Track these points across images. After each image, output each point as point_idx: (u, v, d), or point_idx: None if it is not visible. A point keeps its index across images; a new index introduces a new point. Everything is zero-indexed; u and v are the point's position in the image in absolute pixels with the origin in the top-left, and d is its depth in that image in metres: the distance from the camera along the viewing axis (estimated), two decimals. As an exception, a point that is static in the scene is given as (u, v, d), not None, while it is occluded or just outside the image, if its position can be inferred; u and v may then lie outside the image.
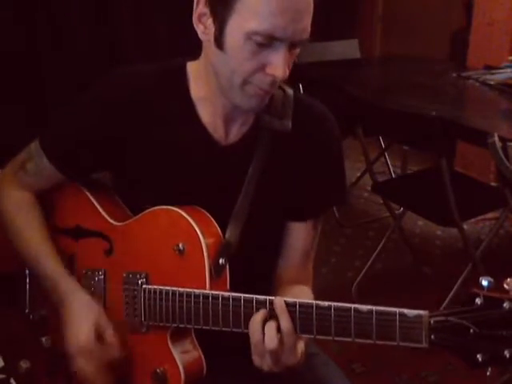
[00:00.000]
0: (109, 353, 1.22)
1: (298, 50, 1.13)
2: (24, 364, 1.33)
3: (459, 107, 3.13)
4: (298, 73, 1.28)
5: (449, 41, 4.45)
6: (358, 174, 3.88)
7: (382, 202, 3.36)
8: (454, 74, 3.37)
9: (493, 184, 3.59)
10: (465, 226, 2.79)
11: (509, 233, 3.56)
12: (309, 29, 1.10)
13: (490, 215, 3.15)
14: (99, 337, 1.21)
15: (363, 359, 2.49)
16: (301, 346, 1.11)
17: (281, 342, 1.08)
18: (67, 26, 3.72)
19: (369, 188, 3.49)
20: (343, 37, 3.98)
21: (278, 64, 1.09)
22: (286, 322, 1.07)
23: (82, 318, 1.22)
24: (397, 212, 3.18)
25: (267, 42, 1.08)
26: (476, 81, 3.24)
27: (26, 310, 1.36)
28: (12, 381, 1.33)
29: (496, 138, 2.32)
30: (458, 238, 3.16)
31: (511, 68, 3.33)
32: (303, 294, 1.23)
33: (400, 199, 3.04)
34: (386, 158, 3.75)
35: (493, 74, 3.28)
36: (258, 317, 1.09)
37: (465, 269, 2.72)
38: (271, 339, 1.07)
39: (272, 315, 1.09)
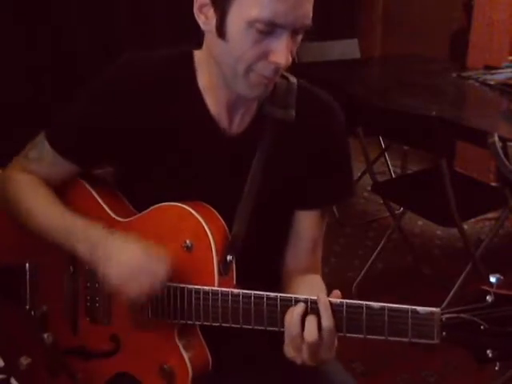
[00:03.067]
0: (161, 264, 1.16)
1: (300, 37, 1.13)
2: (25, 360, 1.33)
3: (459, 107, 3.13)
4: (298, 73, 1.28)
5: (449, 41, 4.45)
6: (358, 174, 3.88)
7: (382, 202, 3.36)
8: (454, 74, 3.37)
9: (493, 184, 3.58)
10: (465, 226, 2.79)
11: (509, 233, 3.56)
12: (310, 14, 1.10)
13: (490, 215, 3.15)
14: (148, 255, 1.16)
15: (364, 359, 2.49)
16: (336, 341, 1.11)
17: (320, 338, 1.07)
18: (67, 25, 3.72)
19: (369, 188, 3.49)
20: (343, 37, 3.98)
21: (281, 51, 1.09)
22: (327, 320, 1.07)
23: (128, 247, 1.16)
24: (397, 212, 3.18)
25: (269, 29, 1.08)
26: (476, 81, 3.24)
27: (27, 307, 1.36)
28: (12, 381, 1.33)
29: (496, 138, 2.32)
30: (458, 237, 3.16)
31: (511, 68, 3.33)
32: (315, 284, 1.24)
33: (400, 199, 3.04)
34: (386, 158, 3.75)
35: (493, 74, 3.28)
36: (297, 309, 1.09)
37: (465, 269, 2.72)
38: (311, 333, 1.07)
39: (311, 310, 1.09)
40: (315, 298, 1.09)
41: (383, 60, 4.40)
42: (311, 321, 1.07)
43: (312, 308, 1.09)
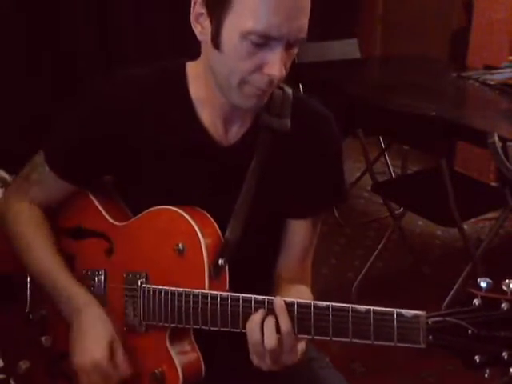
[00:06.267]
0: (119, 372, 1.21)
1: (295, 50, 1.13)
2: (23, 364, 1.33)
3: (459, 107, 3.14)
4: (298, 73, 1.28)
5: (449, 41, 4.44)
6: (358, 174, 3.88)
7: (382, 201, 3.36)
8: (454, 74, 3.37)
9: (493, 184, 3.58)
10: (465, 226, 2.79)
11: (509, 233, 3.56)
12: (305, 28, 1.10)
13: (490, 215, 3.15)
14: (111, 355, 1.20)
15: (363, 359, 2.49)
16: (301, 345, 1.11)
17: (280, 342, 1.07)
18: (67, 25, 3.72)
19: (369, 188, 3.49)
20: (343, 37, 3.97)
21: (275, 63, 1.09)
22: (285, 323, 1.07)
23: (97, 334, 1.21)
24: (397, 212, 3.18)
25: (263, 41, 1.08)
26: (476, 81, 3.24)
27: (26, 310, 1.36)
28: (12, 381, 1.33)
29: (496, 138, 2.32)
30: (458, 237, 3.16)
31: (511, 68, 3.33)
32: (303, 294, 1.23)
33: (400, 199, 3.04)
34: (386, 158, 3.75)
35: (493, 74, 3.28)
36: (256, 317, 1.09)
37: (465, 269, 2.72)
38: (270, 339, 1.07)
39: (270, 315, 1.09)
40: (294, 299, 1.08)
41: (383, 60, 4.41)
42: (268, 326, 1.08)
43: (270, 312, 1.08)
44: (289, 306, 1.08)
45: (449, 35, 4.44)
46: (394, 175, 3.73)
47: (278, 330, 1.08)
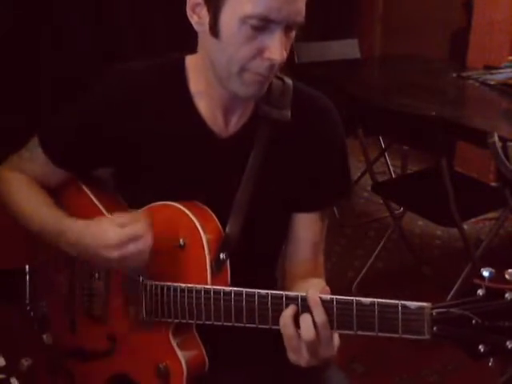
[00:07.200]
0: (140, 242, 1.14)
1: (293, 34, 1.14)
2: (26, 361, 1.33)
3: (459, 107, 3.14)
4: (298, 73, 1.28)
5: (449, 41, 4.45)
6: (358, 174, 3.88)
7: (381, 202, 3.36)
8: (454, 74, 3.38)
9: (493, 184, 3.59)
10: (465, 226, 2.79)
11: (509, 233, 3.56)
12: (303, 11, 1.11)
13: (490, 215, 3.15)
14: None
15: (364, 359, 2.49)
16: (336, 337, 1.10)
17: (317, 335, 1.07)
18: (67, 26, 3.72)
19: (369, 188, 3.50)
20: (343, 37, 3.98)
21: (275, 47, 1.10)
22: (320, 316, 1.07)
23: (101, 228, 1.15)
24: (397, 212, 3.18)
25: (262, 24, 1.08)
26: (476, 81, 3.24)
27: (27, 308, 1.36)
28: (12, 380, 1.33)
29: (496, 138, 2.32)
30: (458, 237, 3.16)
31: (511, 68, 3.33)
32: (317, 287, 1.23)
33: (400, 199, 3.04)
34: (386, 158, 3.75)
35: (493, 74, 3.29)
36: (288, 311, 1.09)
37: (465, 269, 2.72)
38: (308, 330, 1.07)
39: (303, 309, 1.08)
40: (305, 294, 1.09)
41: (383, 60, 4.41)
42: (305, 319, 1.07)
43: (304, 306, 1.08)
44: (292, 299, 1.09)
45: (449, 35, 4.45)
46: (394, 175, 3.74)
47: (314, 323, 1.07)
